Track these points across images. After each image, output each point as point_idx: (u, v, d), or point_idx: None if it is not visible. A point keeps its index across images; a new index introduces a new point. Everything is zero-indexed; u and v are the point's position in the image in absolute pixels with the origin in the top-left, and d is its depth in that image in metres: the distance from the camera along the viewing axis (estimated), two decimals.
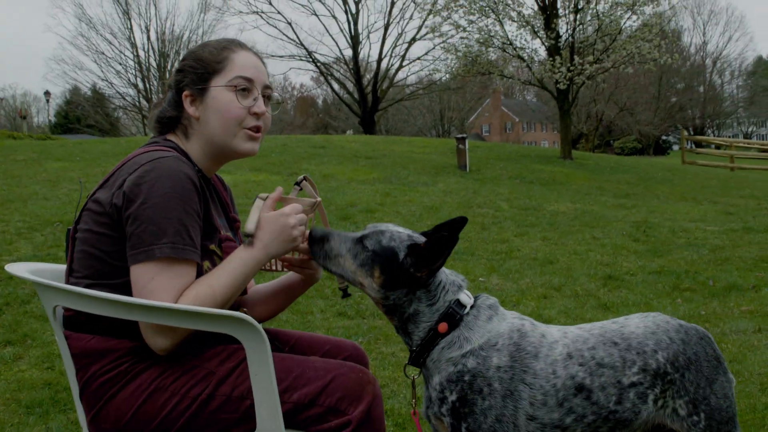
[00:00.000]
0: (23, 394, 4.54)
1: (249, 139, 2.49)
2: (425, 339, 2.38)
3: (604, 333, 2.48)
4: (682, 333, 2.52)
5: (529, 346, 2.37)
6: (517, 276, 7.97)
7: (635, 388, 2.41)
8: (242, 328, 2.19)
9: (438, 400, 2.36)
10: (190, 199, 2.24)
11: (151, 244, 2.18)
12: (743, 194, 18.04)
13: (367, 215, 11.42)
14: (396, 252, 2.34)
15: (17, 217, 9.84)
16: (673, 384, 2.45)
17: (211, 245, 2.38)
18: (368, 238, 2.37)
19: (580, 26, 24.54)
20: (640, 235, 10.61)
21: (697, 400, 2.46)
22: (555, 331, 2.48)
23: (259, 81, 2.49)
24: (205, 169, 2.51)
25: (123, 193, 2.23)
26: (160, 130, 2.53)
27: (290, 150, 20.84)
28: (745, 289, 7.37)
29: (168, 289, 2.18)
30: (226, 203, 2.68)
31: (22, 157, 16.79)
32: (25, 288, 6.62)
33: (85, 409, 2.35)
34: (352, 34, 48.96)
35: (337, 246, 2.38)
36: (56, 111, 70.05)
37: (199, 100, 2.44)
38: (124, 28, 52.81)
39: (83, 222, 2.35)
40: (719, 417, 2.47)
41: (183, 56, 2.52)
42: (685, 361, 2.47)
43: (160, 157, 2.28)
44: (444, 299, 2.40)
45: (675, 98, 72.37)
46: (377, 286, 2.35)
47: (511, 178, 18.29)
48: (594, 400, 2.37)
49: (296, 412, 2.29)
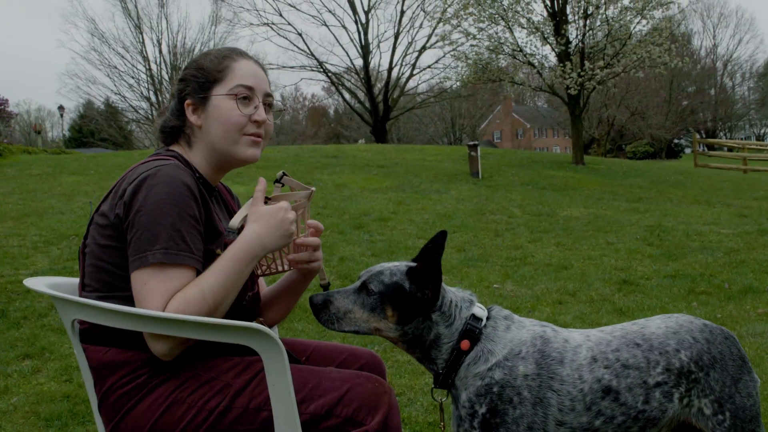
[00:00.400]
0: (42, 407, 4.57)
1: (251, 146, 2.52)
2: (450, 360, 2.40)
3: (625, 335, 2.51)
4: (706, 332, 2.55)
5: (553, 352, 2.40)
6: (531, 282, 7.96)
7: (661, 388, 2.44)
8: (259, 338, 2.20)
9: (468, 416, 2.38)
10: (185, 205, 2.25)
11: (145, 250, 2.20)
12: (757, 196, 17.95)
13: (381, 224, 11.43)
14: (401, 284, 2.37)
15: (33, 231, 9.91)
16: (698, 383, 2.48)
17: (216, 249, 2.39)
18: (370, 283, 2.38)
19: (590, 32, 24.51)
20: (654, 239, 10.58)
21: (723, 399, 2.48)
22: (577, 335, 2.50)
23: (260, 89, 2.52)
24: (209, 176, 2.53)
25: (124, 203, 2.26)
26: (164, 140, 2.55)
27: (303, 160, 20.89)
28: (760, 292, 7.34)
29: (158, 293, 2.19)
30: (233, 210, 2.71)
31: (38, 172, 16.91)
32: (43, 302, 6.66)
33: (104, 422, 2.37)
34: (363, 43, 49.05)
35: (343, 304, 2.39)
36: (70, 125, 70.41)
37: (201, 108, 2.47)
38: (136, 42, 53.21)
39: (90, 236, 2.37)
40: (743, 416, 2.49)
41: (185, 65, 2.54)
42: (709, 360, 2.49)
43: (158, 166, 2.30)
44: (460, 317, 2.42)
45: (686, 101, 72.10)
46: (393, 324, 2.37)
47: (523, 184, 18.27)
48: (622, 401, 2.40)
49: (313, 424, 2.30)
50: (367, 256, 9.13)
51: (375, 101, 49.59)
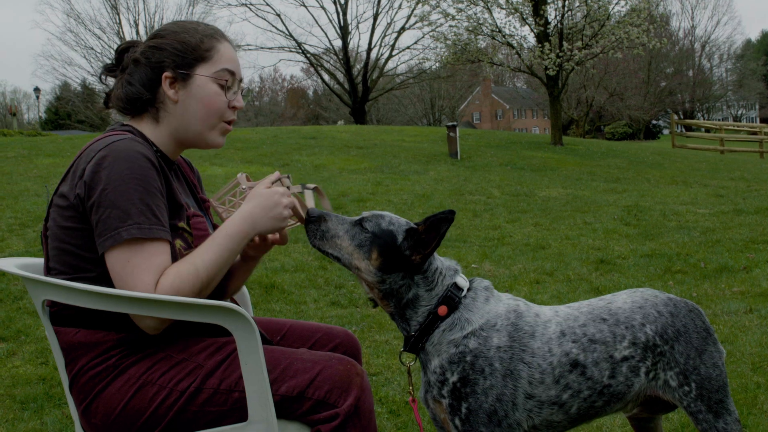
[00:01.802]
0: (18, 390, 4.54)
1: (222, 134, 2.51)
2: (424, 323, 2.41)
3: (592, 310, 2.54)
4: (670, 306, 2.59)
5: (525, 325, 2.42)
6: (509, 262, 7.98)
7: (627, 362, 2.48)
8: (231, 317, 2.19)
9: (438, 383, 2.39)
10: (149, 178, 2.22)
11: (117, 227, 2.17)
12: (733, 177, 18.08)
13: (359, 204, 11.42)
14: (395, 235, 2.37)
15: (9, 213, 9.82)
16: (663, 356, 2.52)
17: (179, 223, 2.37)
18: (367, 221, 2.39)
19: (569, 12, 24.52)
20: (632, 219, 10.64)
21: (688, 370, 2.52)
22: (547, 310, 2.53)
23: (239, 75, 2.50)
24: (169, 151, 2.49)
25: (84, 183, 2.21)
26: (128, 111, 2.48)
27: (281, 141, 20.82)
28: (736, 271, 7.40)
29: (147, 269, 2.17)
30: (193, 184, 2.68)
31: (13, 154, 16.74)
32: (18, 284, 6.61)
33: (76, 403, 2.36)
34: (342, 24, 48.83)
35: (335, 227, 2.40)
36: (46, 107, 69.86)
37: (181, 84, 2.41)
38: (113, 23, 52.60)
39: (51, 219, 2.33)
40: (710, 386, 2.53)
41: (159, 33, 2.46)
42: (674, 333, 2.53)
43: (114, 141, 2.25)
44: (442, 284, 2.43)
45: (664, 83, 72.35)
46: (374, 268, 2.36)
47: (502, 164, 18.31)
48: (588, 375, 2.43)
49: (285, 404, 2.30)
50: None
51: (354, 82, 49.44)
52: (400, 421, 4.04)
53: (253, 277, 6.98)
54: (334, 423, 2.27)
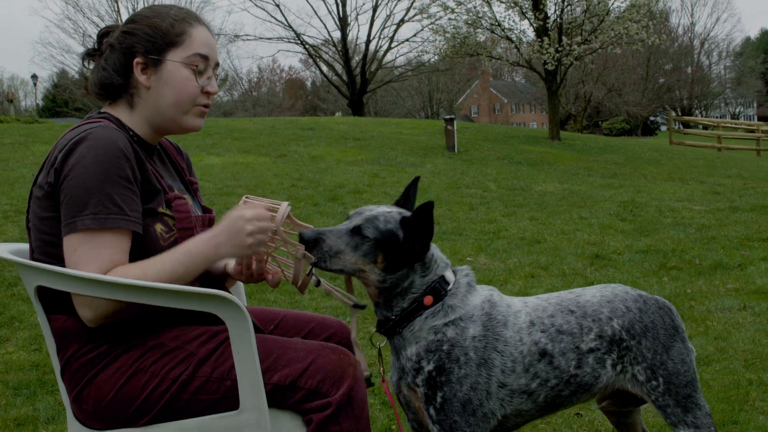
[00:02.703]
0: (10, 376, 4.54)
1: (198, 116, 2.48)
2: (407, 309, 2.41)
3: (560, 302, 2.59)
4: (640, 302, 2.63)
5: (499, 315, 2.45)
6: (504, 255, 7.99)
7: (593, 354, 2.52)
8: (224, 305, 2.18)
9: (413, 370, 2.40)
10: (116, 166, 2.19)
11: (73, 216, 2.16)
12: (730, 174, 18.11)
13: (356, 196, 11.42)
14: (395, 233, 2.36)
15: (4, 200, 9.81)
16: (630, 351, 2.56)
17: (158, 208, 2.34)
18: (365, 228, 2.35)
19: (568, 7, 24.49)
20: (628, 214, 10.65)
21: (655, 365, 2.56)
22: (517, 301, 2.57)
23: (213, 59, 2.47)
24: (146, 136, 2.46)
25: (54, 171, 2.21)
26: (103, 96, 2.46)
27: (279, 132, 20.79)
28: (730, 268, 7.41)
29: (91, 260, 2.15)
30: (181, 167, 2.67)
31: (9, 141, 16.71)
32: (12, 271, 6.60)
33: (67, 389, 2.36)
34: (341, 15, 48.76)
35: (335, 243, 2.35)
36: (44, 94, 69.71)
37: (152, 70, 2.39)
38: (111, 11, 52.43)
39: (32, 210, 2.32)
40: (677, 381, 2.57)
41: (133, 18, 2.44)
42: (641, 328, 2.58)
43: (88, 129, 2.24)
44: (435, 273, 2.44)
45: (663, 79, 72.37)
46: (379, 270, 2.37)
47: (499, 158, 18.31)
48: (556, 364, 2.47)
49: (277, 393, 2.29)
50: None
51: (352, 74, 49.40)
52: (392, 412, 4.05)
53: None
54: (326, 412, 2.26)
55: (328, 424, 2.26)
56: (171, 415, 2.27)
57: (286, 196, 11.19)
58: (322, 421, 2.26)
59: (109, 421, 2.29)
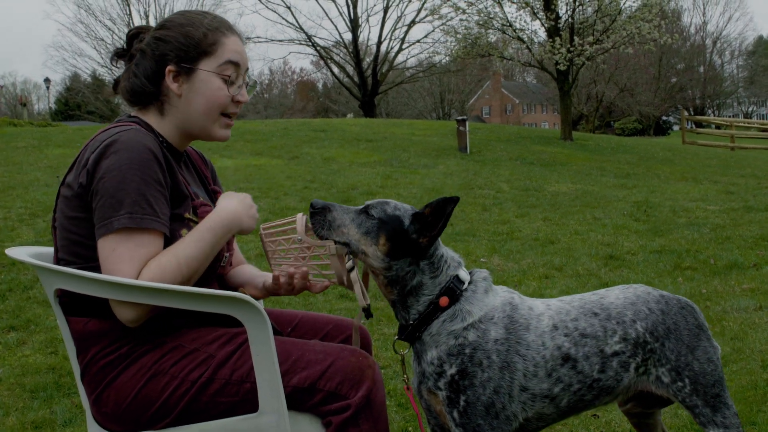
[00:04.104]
0: (27, 379, 4.56)
1: (226, 127, 2.51)
2: (424, 313, 2.40)
3: (584, 304, 2.55)
4: (662, 303, 2.60)
5: (520, 318, 2.43)
6: (518, 256, 7.97)
7: (618, 357, 2.49)
8: (243, 308, 2.19)
9: (435, 374, 2.38)
10: (149, 169, 2.22)
11: (110, 217, 2.17)
12: (743, 173, 18.02)
13: (369, 197, 11.42)
14: (401, 219, 2.36)
15: (19, 203, 9.85)
16: (654, 353, 2.53)
17: (185, 213, 2.36)
18: (373, 208, 2.38)
19: (580, 7, 24.44)
20: (641, 214, 10.61)
21: (680, 367, 2.53)
22: (539, 303, 2.54)
23: (243, 66, 2.48)
24: (176, 143, 2.49)
25: (87, 171, 2.22)
26: (134, 102, 2.48)
27: (291, 134, 20.83)
28: (745, 268, 7.38)
29: (128, 260, 2.17)
30: (205, 176, 2.68)
31: (23, 144, 16.80)
32: (28, 274, 6.64)
33: (87, 392, 2.36)
34: (352, 17, 48.80)
35: (340, 216, 2.38)
36: (56, 98, 69.98)
37: (184, 78, 2.40)
38: (123, 14, 52.73)
39: (59, 210, 2.34)
40: (705, 381, 2.54)
41: (165, 24, 2.45)
42: (664, 330, 2.54)
43: (120, 131, 2.26)
44: (446, 273, 2.43)
45: (675, 78, 72.19)
46: (382, 254, 2.36)
47: (511, 159, 18.28)
48: (579, 369, 2.44)
49: (296, 396, 2.29)
50: None
51: (364, 75, 49.42)
52: (409, 414, 4.05)
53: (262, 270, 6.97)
54: (345, 414, 2.27)
55: (347, 426, 2.26)
56: (190, 417, 2.28)
57: (299, 198, 11.20)
58: (342, 423, 2.26)
59: (129, 423, 2.30)
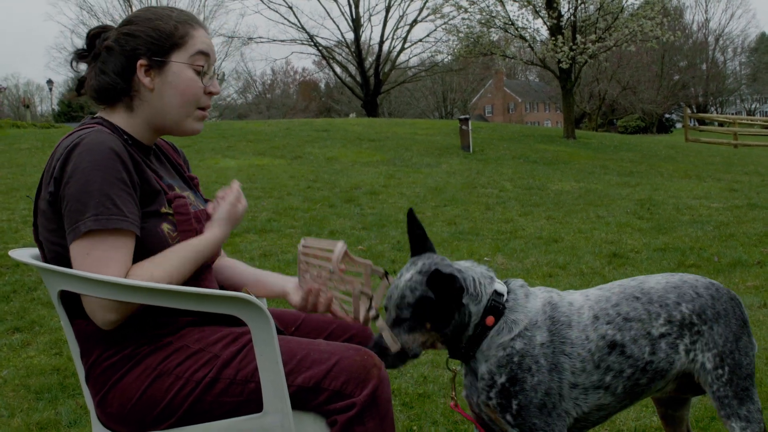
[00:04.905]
0: (32, 380, 4.57)
1: (200, 120, 2.50)
2: (473, 336, 2.41)
3: (624, 290, 2.55)
4: (712, 290, 2.60)
5: (562, 316, 2.43)
6: (522, 255, 7.97)
7: (665, 339, 2.49)
8: (247, 308, 2.19)
9: (486, 387, 2.40)
10: (112, 168, 2.20)
11: (77, 221, 2.16)
12: (747, 171, 18.00)
13: (372, 197, 11.43)
14: (424, 296, 2.34)
15: (23, 205, 9.87)
16: (702, 335, 2.53)
17: (161, 208, 2.35)
18: (400, 313, 2.37)
19: (582, 5, 24.42)
20: (645, 212, 10.60)
21: (724, 353, 2.53)
22: (578, 296, 2.54)
23: (213, 58, 2.48)
24: (144, 138, 2.46)
25: (54, 179, 2.21)
26: (101, 100, 2.45)
27: (293, 134, 20.84)
28: (750, 265, 7.37)
29: (111, 260, 2.17)
30: (178, 164, 2.67)
31: (26, 146, 16.83)
32: (32, 275, 6.65)
33: (92, 393, 2.36)
34: (354, 17, 48.85)
35: (392, 343, 2.37)
36: (59, 99, 70.01)
37: (156, 71, 2.39)
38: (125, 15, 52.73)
39: (39, 224, 2.33)
40: (740, 372, 2.55)
41: (131, 20, 2.44)
42: (713, 314, 2.54)
43: (81, 134, 2.25)
44: (486, 293, 2.42)
45: (678, 76, 72.14)
46: (436, 333, 2.38)
47: (514, 158, 18.27)
48: (629, 353, 2.44)
49: (301, 395, 2.29)
50: (358, 229, 9.13)
51: (366, 75, 49.46)
52: (413, 413, 4.05)
53: (266, 269, 6.97)
54: (350, 413, 2.26)
55: (353, 425, 2.25)
56: (195, 417, 2.28)
57: (303, 198, 11.21)
58: (347, 422, 2.25)
59: (134, 424, 2.30)
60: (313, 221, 9.53)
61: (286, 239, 8.51)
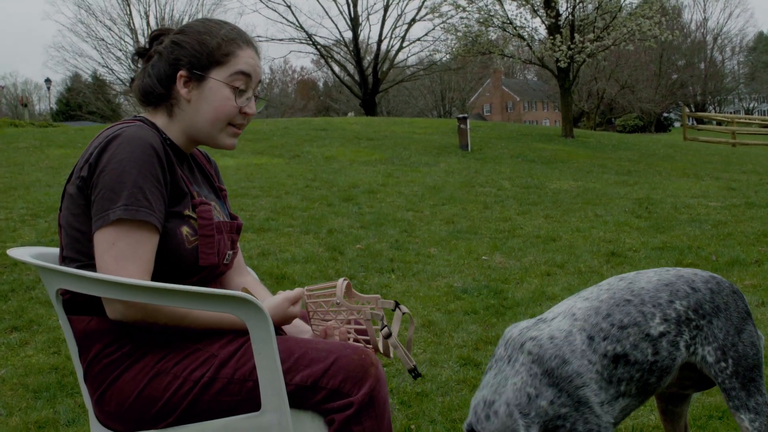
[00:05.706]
0: (30, 379, 4.57)
1: (233, 136, 2.51)
2: None
3: (613, 295, 2.52)
4: (712, 283, 2.60)
5: (552, 362, 2.40)
6: (520, 254, 7.97)
7: (666, 337, 2.48)
8: (244, 307, 2.19)
9: None
10: (148, 163, 2.23)
11: (107, 209, 2.18)
12: (745, 170, 18.01)
13: (370, 196, 11.43)
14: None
15: (20, 204, 9.87)
16: (701, 330, 2.52)
17: (185, 210, 2.37)
18: None
19: (580, 4, 24.42)
20: (643, 211, 10.61)
21: (726, 346, 2.53)
22: (560, 322, 2.48)
23: (255, 79, 2.49)
24: (181, 144, 2.50)
25: (89, 165, 2.24)
26: (145, 102, 2.50)
27: (292, 133, 20.84)
28: (748, 264, 7.38)
29: (133, 259, 2.19)
30: (210, 174, 2.69)
31: (24, 145, 16.81)
32: (30, 274, 6.64)
33: (90, 391, 2.36)
34: (352, 15, 48.82)
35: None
36: (57, 98, 70.05)
37: (194, 84, 2.42)
38: (124, 14, 52.86)
39: (65, 207, 2.35)
40: (746, 364, 2.54)
41: (184, 29, 2.47)
42: (712, 308, 2.54)
43: (123, 127, 2.28)
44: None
45: (676, 75, 72.22)
46: None
47: (512, 156, 18.29)
48: (633, 360, 2.44)
49: (298, 394, 2.29)
50: (356, 228, 9.13)
51: (364, 74, 49.44)
52: (411, 411, 4.05)
53: (264, 268, 7.00)
54: (348, 412, 2.27)
55: (350, 424, 2.26)
56: (193, 416, 2.28)
57: (301, 197, 11.21)
58: (344, 421, 2.26)
59: (132, 422, 2.30)
60: (311, 220, 9.53)
61: (284, 238, 8.51)
